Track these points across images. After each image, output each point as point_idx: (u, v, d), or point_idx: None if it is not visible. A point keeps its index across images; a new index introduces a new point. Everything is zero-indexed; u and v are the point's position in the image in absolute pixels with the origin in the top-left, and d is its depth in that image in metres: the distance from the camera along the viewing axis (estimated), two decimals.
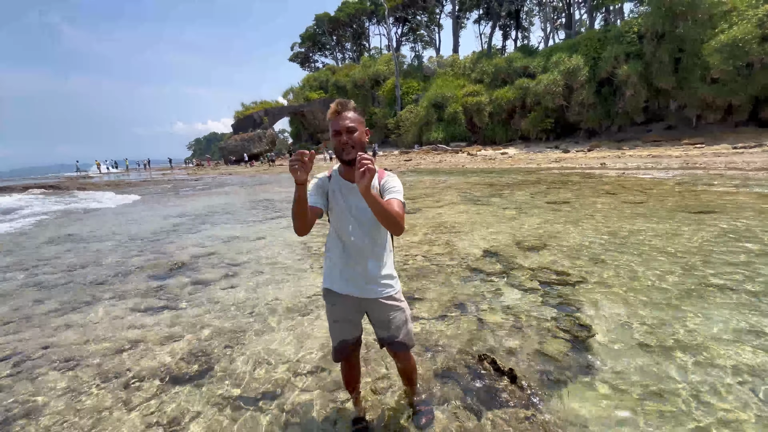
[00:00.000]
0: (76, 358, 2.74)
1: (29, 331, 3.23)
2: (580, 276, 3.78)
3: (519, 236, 5.42)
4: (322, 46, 59.22)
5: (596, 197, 8.37)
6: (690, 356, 2.35)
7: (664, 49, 22.88)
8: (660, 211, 6.46)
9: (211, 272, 4.60)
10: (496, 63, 33.04)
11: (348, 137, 1.49)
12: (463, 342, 2.68)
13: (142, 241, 6.58)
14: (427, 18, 49.57)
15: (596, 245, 4.77)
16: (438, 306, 3.29)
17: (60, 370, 2.61)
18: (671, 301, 3.11)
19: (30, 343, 3.02)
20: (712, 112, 22.48)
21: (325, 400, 2.13)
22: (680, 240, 4.74)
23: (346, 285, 1.66)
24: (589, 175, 13.07)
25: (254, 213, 9.16)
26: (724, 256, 4.07)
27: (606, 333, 2.68)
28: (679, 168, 13.41)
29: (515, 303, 3.27)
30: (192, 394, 2.27)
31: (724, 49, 19.78)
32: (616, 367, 2.29)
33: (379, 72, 42.62)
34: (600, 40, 27.17)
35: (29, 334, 3.19)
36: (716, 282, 3.41)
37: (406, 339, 1.75)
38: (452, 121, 33.22)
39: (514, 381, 2.20)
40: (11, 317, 3.55)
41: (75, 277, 4.66)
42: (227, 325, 3.15)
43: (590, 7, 34.24)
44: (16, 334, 3.20)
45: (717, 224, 5.35)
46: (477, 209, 7.82)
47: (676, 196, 7.96)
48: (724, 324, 2.70)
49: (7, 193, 18.40)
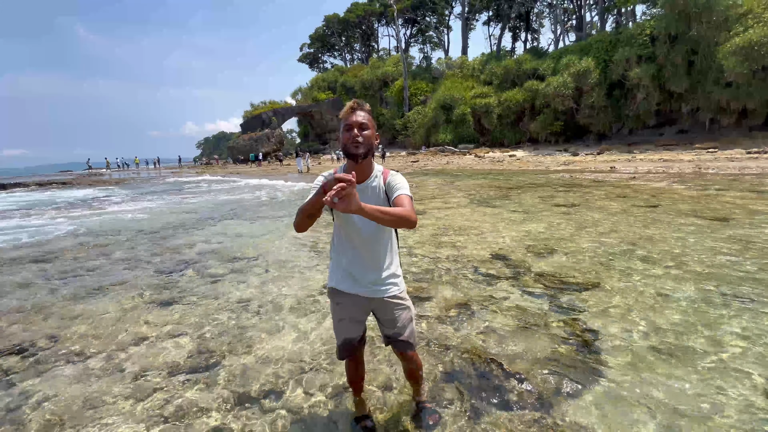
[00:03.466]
0: (84, 350, 2.77)
1: (39, 322, 3.28)
2: (588, 281, 3.72)
3: (527, 240, 5.36)
4: (331, 47, 59.50)
5: (606, 201, 8.26)
6: (701, 365, 2.30)
7: (677, 51, 22.56)
8: (673, 217, 6.35)
9: (218, 268, 4.63)
10: (506, 65, 32.90)
11: (359, 132, 1.49)
12: (470, 343, 2.65)
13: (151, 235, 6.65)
14: (436, 19, 49.56)
15: (605, 250, 4.70)
16: (445, 306, 3.26)
17: (69, 361, 2.64)
18: (682, 309, 3.05)
19: (38, 333, 3.06)
20: (726, 116, 22.10)
21: (330, 398, 2.12)
22: (692, 247, 4.65)
23: (352, 285, 1.66)
24: (600, 181, 12.92)
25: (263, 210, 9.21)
26: (738, 265, 3.97)
27: (614, 339, 2.63)
28: (691, 173, 13.19)
29: (523, 306, 3.23)
30: (198, 389, 2.27)
31: (739, 51, 19.43)
32: (624, 373, 2.24)
33: (388, 73, 42.68)
34: (611, 43, 26.89)
35: (39, 324, 3.23)
36: (730, 291, 3.33)
37: (411, 338, 1.76)
38: (460, 123, 33.12)
39: (522, 383, 2.17)
40: (22, 306, 3.61)
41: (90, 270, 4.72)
42: (233, 321, 3.16)
43: (601, 9, 33.92)
44: (26, 323, 3.25)
45: (729, 231, 5.24)
46: (484, 211, 7.77)
47: (689, 201, 7.82)
48: (737, 333, 2.63)
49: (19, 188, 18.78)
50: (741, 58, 19.40)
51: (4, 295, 4.06)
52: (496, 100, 31.51)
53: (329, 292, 1.75)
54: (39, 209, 11.76)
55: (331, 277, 1.73)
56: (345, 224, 1.62)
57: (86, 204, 12.81)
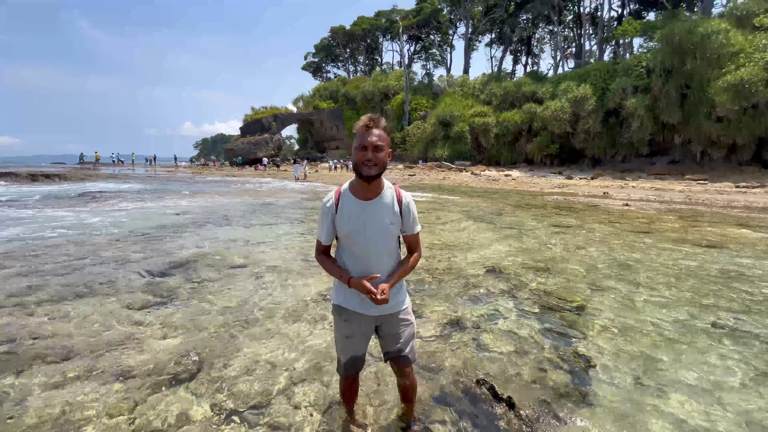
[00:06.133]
0: (67, 351, 2.69)
1: (21, 320, 3.18)
2: (581, 303, 3.73)
3: (521, 258, 5.38)
4: (335, 58, 60.30)
5: (599, 224, 8.36)
6: (690, 395, 2.30)
7: (671, 84, 23.23)
8: (664, 243, 6.43)
9: (209, 272, 4.56)
10: (506, 86, 33.57)
11: (373, 154, 1.47)
12: (461, 364, 2.62)
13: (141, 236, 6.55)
14: (440, 38, 50.63)
15: (599, 272, 4.73)
16: (437, 325, 3.24)
17: (49, 362, 2.55)
18: (674, 336, 3.06)
19: (21, 331, 2.97)
20: (716, 149, 22.68)
21: (319, 414, 2.07)
22: (684, 272, 4.70)
23: (360, 303, 1.64)
24: (593, 205, 13.09)
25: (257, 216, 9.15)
26: (729, 292, 4.02)
27: (605, 365, 2.63)
28: (682, 202, 13.44)
29: (515, 327, 3.22)
30: (181, 397, 2.21)
31: (730, 88, 20.09)
32: (614, 401, 2.23)
33: (390, 86, 43.26)
34: (609, 72, 27.66)
35: (21, 321, 3.13)
36: (723, 320, 3.36)
37: (411, 353, 1.75)
38: (458, 140, 33.55)
39: (512, 408, 2.15)
40: (2, 303, 3.50)
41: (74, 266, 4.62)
42: (222, 328, 3.10)
43: (600, 39, 34.95)
44: (7, 319, 3.15)
45: (721, 258, 5.32)
46: (478, 228, 7.80)
47: (679, 230, 7.95)
48: (729, 365, 2.65)
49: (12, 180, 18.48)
50: (732, 94, 20.05)
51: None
52: (495, 120, 32.05)
53: (335, 309, 1.72)
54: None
55: (338, 295, 1.70)
56: (352, 243, 1.60)
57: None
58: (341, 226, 1.59)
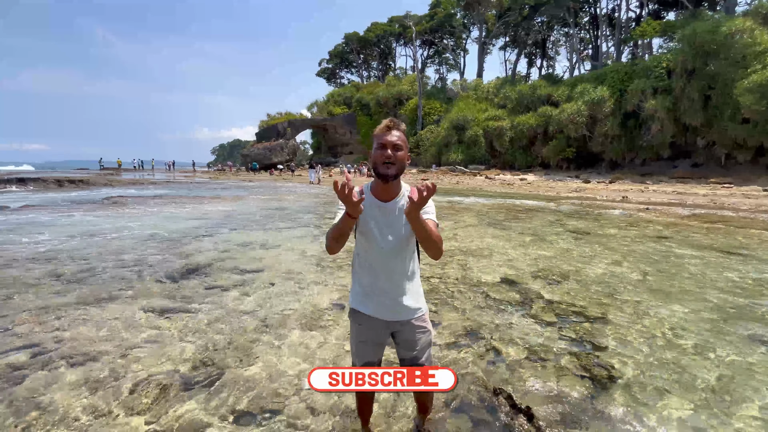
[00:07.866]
0: (88, 355, 2.76)
1: (46, 323, 3.28)
2: (600, 312, 3.63)
3: (537, 265, 5.28)
4: (349, 64, 60.88)
5: (618, 230, 8.14)
6: (714, 405, 2.19)
7: (693, 85, 22.56)
8: (686, 249, 6.21)
9: (226, 276, 4.63)
10: (520, 89, 33.20)
11: (393, 152, 1.48)
12: (478, 373, 2.58)
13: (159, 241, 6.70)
14: (453, 42, 50.56)
15: (617, 280, 4.60)
16: (452, 333, 3.20)
17: (72, 365, 2.63)
18: (697, 344, 2.94)
19: (45, 335, 3.06)
20: (742, 152, 21.86)
21: (334, 422, 2.07)
22: (707, 280, 4.53)
23: (376, 308, 1.63)
24: (612, 209, 12.77)
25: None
26: (753, 297, 3.85)
27: (627, 375, 2.54)
28: (705, 206, 12.98)
29: (533, 335, 3.15)
30: (198, 402, 2.24)
31: (756, 89, 19.36)
32: (637, 413, 2.15)
33: (403, 91, 43.38)
34: (627, 73, 27.05)
35: (46, 325, 3.24)
36: (745, 328, 3.21)
37: (428, 362, 1.72)
38: (472, 144, 33.31)
39: (531, 420, 2.09)
40: (29, 307, 3.63)
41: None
42: (238, 334, 3.13)
43: (618, 40, 34.30)
44: (33, 324, 3.26)
45: (745, 264, 5.10)
46: (494, 233, 7.70)
47: (702, 233, 7.67)
48: (754, 372, 2.52)
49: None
50: (758, 95, 19.32)
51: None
52: (509, 123, 31.70)
53: (351, 314, 1.72)
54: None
55: (354, 299, 1.70)
56: (369, 245, 1.59)
57: None
58: (358, 221, 1.59)
